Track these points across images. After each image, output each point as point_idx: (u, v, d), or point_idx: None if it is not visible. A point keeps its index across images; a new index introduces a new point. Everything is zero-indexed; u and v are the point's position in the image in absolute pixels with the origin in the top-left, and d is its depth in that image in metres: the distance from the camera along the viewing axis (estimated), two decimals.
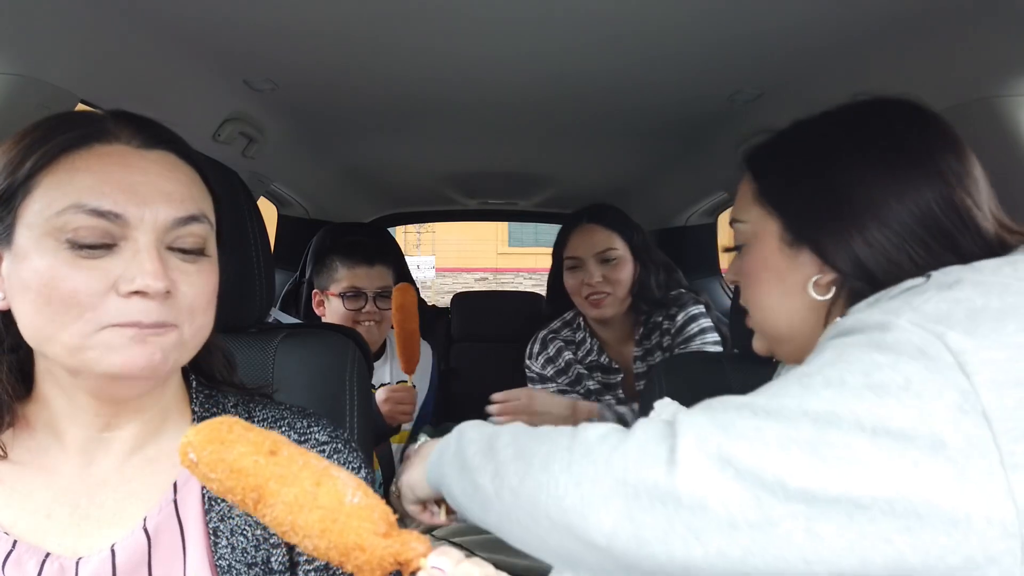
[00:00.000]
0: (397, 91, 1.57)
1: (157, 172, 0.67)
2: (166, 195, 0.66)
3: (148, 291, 0.63)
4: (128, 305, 0.63)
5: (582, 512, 0.61)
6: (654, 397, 1.13)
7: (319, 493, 0.56)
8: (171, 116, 1.48)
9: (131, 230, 0.64)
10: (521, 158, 2.31)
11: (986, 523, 0.52)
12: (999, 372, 0.54)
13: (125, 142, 0.67)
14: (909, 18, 1.09)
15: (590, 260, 1.72)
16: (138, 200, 0.64)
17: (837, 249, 0.72)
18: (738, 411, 0.60)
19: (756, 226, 0.80)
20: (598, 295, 1.71)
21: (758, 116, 1.65)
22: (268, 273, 1.06)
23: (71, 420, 0.69)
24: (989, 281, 0.61)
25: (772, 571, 0.56)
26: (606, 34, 1.22)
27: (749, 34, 1.20)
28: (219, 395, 0.80)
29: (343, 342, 1.10)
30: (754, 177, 0.82)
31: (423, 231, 17.05)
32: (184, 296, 0.67)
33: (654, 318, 1.78)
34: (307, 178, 2.44)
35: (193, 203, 0.69)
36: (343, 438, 0.81)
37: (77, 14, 1.04)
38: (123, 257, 0.64)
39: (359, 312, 1.84)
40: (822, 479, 0.54)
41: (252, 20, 1.17)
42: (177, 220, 0.66)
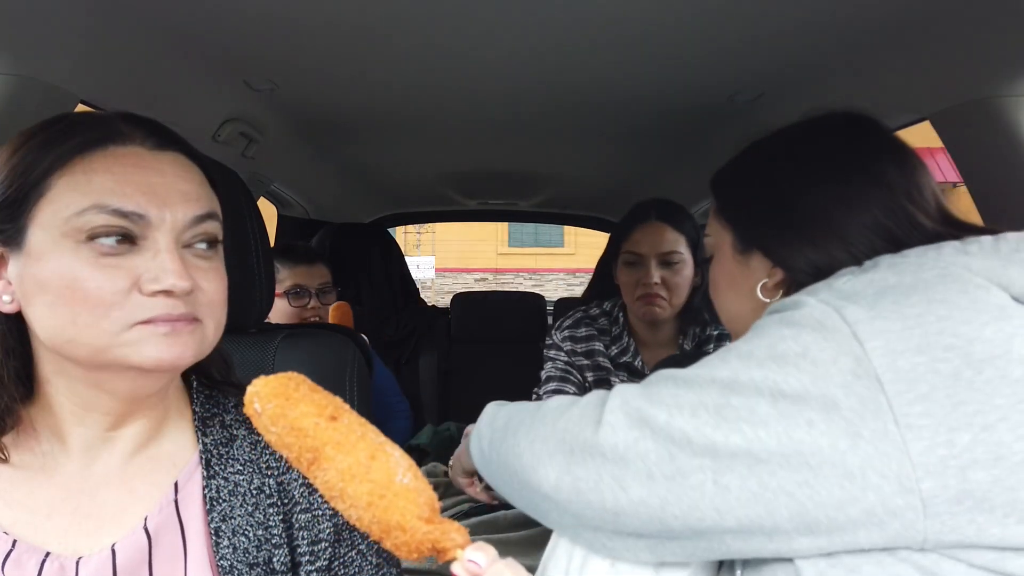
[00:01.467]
0: (397, 91, 1.57)
1: (173, 173, 0.68)
2: (183, 195, 0.67)
3: (175, 291, 0.64)
4: (153, 303, 0.64)
5: (534, 466, 0.72)
6: None
7: (372, 467, 0.57)
8: (171, 116, 1.49)
9: (152, 230, 0.65)
10: (521, 158, 2.31)
11: (881, 478, 0.57)
12: (894, 340, 0.60)
13: (139, 144, 0.68)
14: (909, 18, 1.09)
15: (652, 259, 1.63)
16: (158, 201, 0.65)
17: (788, 253, 0.79)
18: (663, 381, 0.69)
19: (716, 238, 0.89)
20: (654, 297, 1.62)
21: (758, 116, 1.65)
22: (268, 273, 1.06)
23: (77, 420, 0.69)
24: (907, 262, 0.67)
25: (691, 519, 0.64)
26: (606, 34, 1.22)
27: (749, 34, 1.20)
28: (219, 395, 0.80)
29: (343, 342, 1.10)
30: (714, 195, 0.90)
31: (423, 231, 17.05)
32: (204, 293, 0.68)
33: (708, 331, 1.70)
34: (307, 178, 2.44)
35: (208, 201, 0.70)
36: None
37: (77, 14, 1.04)
38: (144, 256, 0.64)
39: (304, 308, 1.92)
40: (724, 436, 0.62)
41: (252, 20, 1.17)
42: (195, 219, 0.68)
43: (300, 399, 0.59)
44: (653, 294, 1.60)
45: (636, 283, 1.63)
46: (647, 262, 1.62)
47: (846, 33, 1.17)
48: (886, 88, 1.30)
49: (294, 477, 0.75)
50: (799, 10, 1.10)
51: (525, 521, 1.54)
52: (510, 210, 3.31)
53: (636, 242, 1.64)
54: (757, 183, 0.85)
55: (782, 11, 1.10)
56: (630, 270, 1.65)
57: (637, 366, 1.68)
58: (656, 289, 1.61)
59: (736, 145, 0.92)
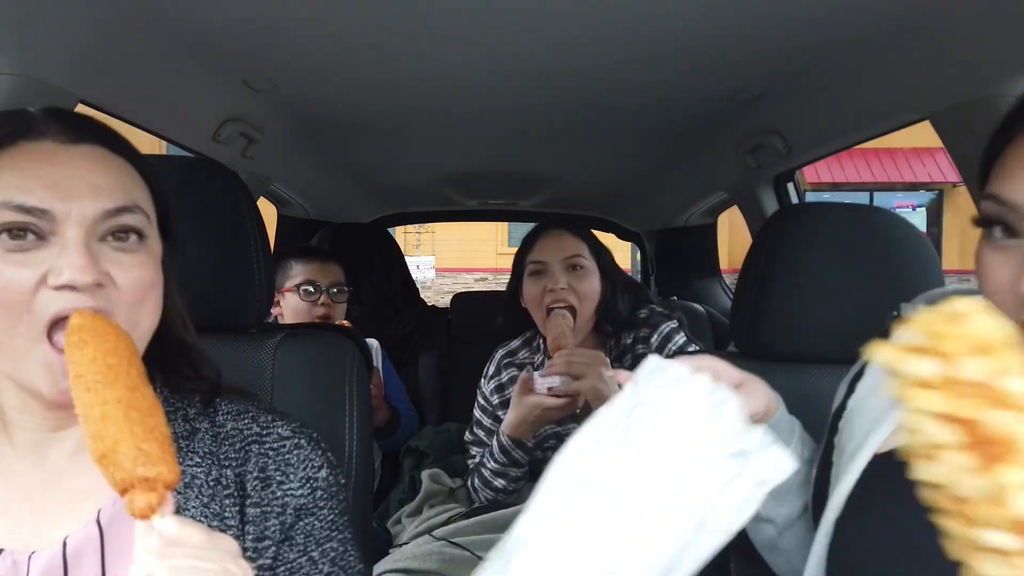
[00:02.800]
0: (397, 91, 1.57)
1: (83, 166, 0.67)
2: (93, 188, 0.67)
3: (76, 284, 0.63)
4: (60, 297, 0.64)
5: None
6: None
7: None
8: (171, 116, 1.49)
9: (59, 225, 0.65)
10: (521, 158, 2.31)
11: None
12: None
13: (51, 138, 0.68)
14: (909, 18, 1.08)
15: (556, 265, 1.62)
16: (63, 195, 0.65)
17: None
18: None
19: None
20: (561, 304, 1.60)
21: (758, 116, 1.65)
22: (268, 273, 1.06)
23: (18, 424, 0.70)
24: None
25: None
26: (606, 34, 1.22)
27: (749, 34, 1.20)
28: (185, 387, 0.79)
29: (343, 342, 1.10)
30: None
31: (423, 231, 17.04)
32: (119, 288, 0.67)
33: (624, 340, 1.70)
34: (307, 178, 2.44)
35: (124, 194, 0.69)
36: (308, 435, 0.81)
37: (77, 14, 1.04)
38: (51, 251, 0.65)
39: (315, 304, 1.96)
40: None
41: (252, 20, 1.17)
42: (107, 212, 0.67)
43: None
44: (560, 300, 1.59)
45: (543, 292, 1.62)
46: (551, 268, 1.62)
47: (846, 33, 1.17)
48: (886, 88, 1.30)
49: (249, 470, 0.75)
50: (799, 10, 1.10)
51: None
52: (510, 210, 3.31)
53: (539, 250, 1.66)
54: None
55: (782, 11, 1.10)
56: (535, 280, 1.64)
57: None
58: (563, 295, 1.59)
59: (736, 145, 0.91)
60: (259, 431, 0.78)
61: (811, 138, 1.66)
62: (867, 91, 1.35)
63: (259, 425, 0.79)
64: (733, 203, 2.42)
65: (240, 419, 0.79)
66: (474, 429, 1.81)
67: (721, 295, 2.99)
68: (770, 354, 1.09)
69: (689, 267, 3.06)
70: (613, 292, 1.69)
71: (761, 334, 1.08)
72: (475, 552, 1.44)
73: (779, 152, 1.72)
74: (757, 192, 2.08)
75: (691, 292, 2.97)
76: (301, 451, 0.79)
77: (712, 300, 2.89)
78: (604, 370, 1.48)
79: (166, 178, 0.78)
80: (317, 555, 0.77)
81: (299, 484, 0.77)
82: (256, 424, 0.79)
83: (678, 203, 2.76)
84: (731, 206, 2.56)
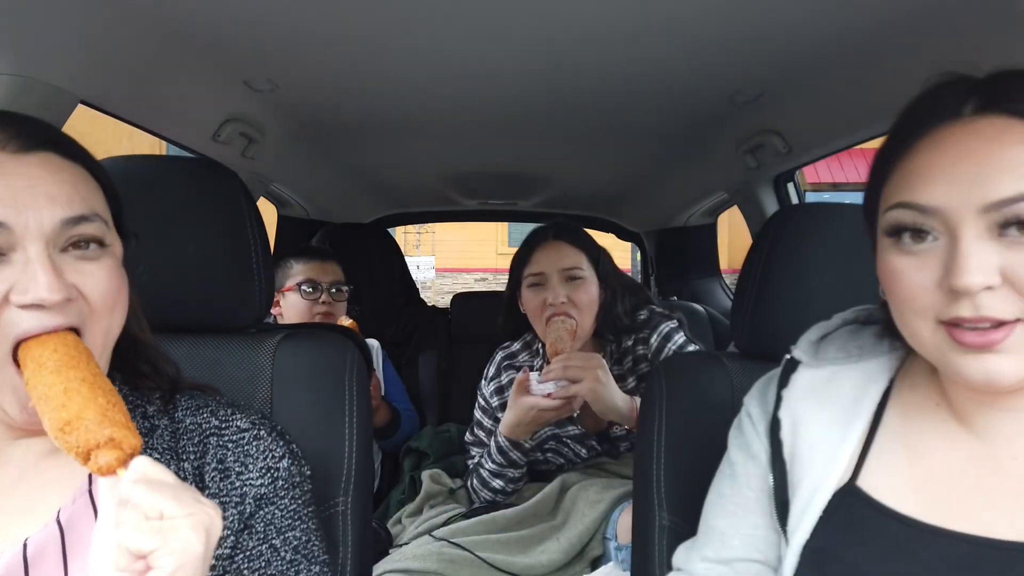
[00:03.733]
0: (397, 92, 1.57)
1: (38, 175, 0.65)
2: (50, 198, 0.64)
3: (44, 303, 0.62)
4: (28, 316, 0.62)
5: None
6: (654, 398, 1.13)
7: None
8: (171, 116, 1.49)
9: (18, 238, 0.62)
10: (521, 158, 2.31)
11: None
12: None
13: (1, 148, 0.65)
14: (909, 18, 1.08)
15: (554, 277, 1.62)
16: (19, 206, 0.62)
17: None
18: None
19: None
20: (561, 316, 1.60)
21: (758, 116, 1.65)
22: (268, 273, 1.06)
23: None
24: None
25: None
26: (606, 34, 1.22)
27: (749, 34, 1.20)
28: (144, 385, 0.79)
29: (342, 342, 1.10)
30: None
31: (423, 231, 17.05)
32: (86, 300, 0.66)
33: (624, 344, 1.70)
34: (307, 178, 2.44)
35: (82, 202, 0.67)
36: (268, 426, 0.82)
37: (77, 14, 1.04)
38: (14, 268, 0.62)
39: (316, 303, 1.98)
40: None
41: (252, 20, 1.17)
42: (65, 221, 0.65)
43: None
44: (559, 312, 1.59)
45: (542, 304, 1.62)
46: (550, 280, 1.62)
47: (846, 33, 1.17)
48: (886, 88, 1.30)
49: (207, 462, 0.75)
50: (799, 10, 1.10)
51: (524, 520, 1.55)
52: (510, 210, 3.31)
53: (537, 262, 1.65)
54: None
55: (782, 11, 1.10)
56: (535, 292, 1.65)
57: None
58: (563, 308, 1.60)
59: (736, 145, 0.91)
60: (218, 424, 0.79)
61: (811, 138, 1.66)
62: (867, 91, 1.35)
63: (218, 418, 0.79)
64: (733, 203, 2.42)
65: (199, 413, 0.79)
66: (474, 430, 1.81)
67: (721, 295, 2.99)
68: (770, 354, 1.09)
69: (689, 267, 3.06)
70: (613, 298, 1.69)
71: (761, 334, 1.08)
72: (475, 552, 1.44)
73: (779, 152, 1.72)
74: (757, 192, 2.08)
75: (691, 292, 2.97)
76: (261, 442, 0.79)
77: (712, 300, 2.89)
78: (601, 373, 1.49)
79: (166, 178, 0.77)
80: (279, 543, 0.77)
81: (259, 474, 0.77)
82: (215, 417, 0.79)
83: (678, 203, 2.76)
84: (731, 206, 2.56)
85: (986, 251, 0.59)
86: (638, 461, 1.14)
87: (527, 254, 1.69)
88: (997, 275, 0.59)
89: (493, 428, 1.75)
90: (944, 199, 0.60)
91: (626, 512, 1.42)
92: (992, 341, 0.59)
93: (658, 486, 1.08)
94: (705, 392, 1.10)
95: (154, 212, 0.98)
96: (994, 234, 0.59)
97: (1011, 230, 0.59)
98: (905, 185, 0.64)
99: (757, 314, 1.08)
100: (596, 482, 1.56)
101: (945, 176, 0.61)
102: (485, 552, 1.44)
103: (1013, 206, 0.58)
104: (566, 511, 1.53)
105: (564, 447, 1.68)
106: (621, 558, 1.38)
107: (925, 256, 0.62)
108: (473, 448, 1.78)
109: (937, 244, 0.62)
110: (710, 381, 1.11)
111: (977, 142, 0.60)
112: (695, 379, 1.13)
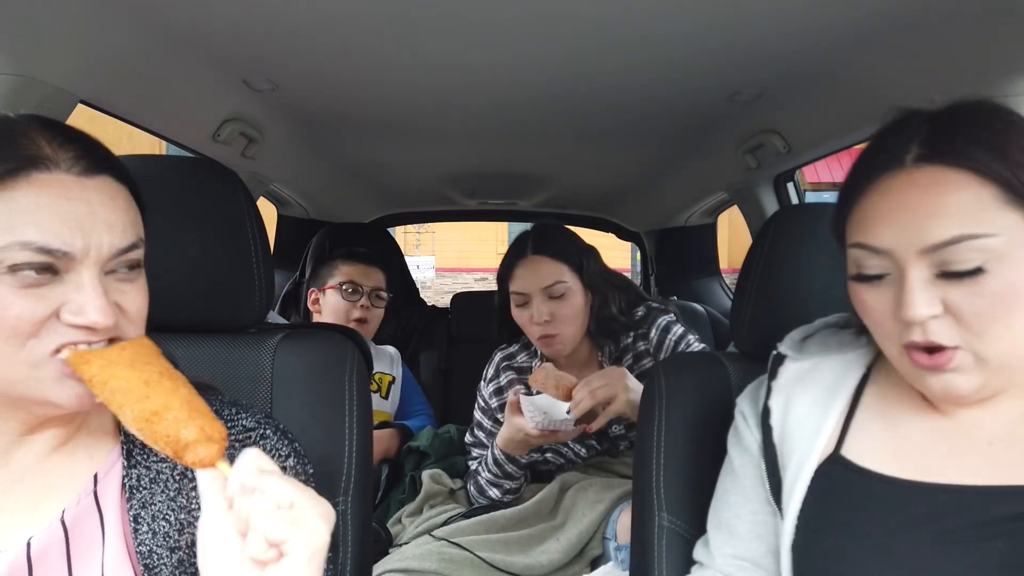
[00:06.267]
0: (397, 92, 1.57)
1: (99, 201, 0.66)
2: (108, 226, 0.66)
3: (97, 327, 0.64)
4: (73, 332, 0.64)
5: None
6: (654, 398, 1.13)
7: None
8: (171, 116, 1.49)
9: (75, 263, 0.64)
10: (521, 158, 2.31)
11: None
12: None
13: (65, 170, 0.65)
14: (909, 18, 1.09)
15: (537, 295, 1.62)
16: (83, 233, 0.64)
17: None
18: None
19: (1014, 235, 0.66)
20: (549, 338, 1.62)
21: (758, 116, 1.65)
22: (268, 273, 1.06)
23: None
24: None
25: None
26: (605, 35, 1.22)
27: (749, 34, 1.20)
28: None
29: (343, 342, 1.10)
30: (994, 175, 0.66)
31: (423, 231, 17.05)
32: (125, 312, 0.68)
33: (623, 342, 1.70)
34: (307, 178, 2.44)
35: (133, 230, 0.69)
36: (274, 425, 0.82)
37: (77, 14, 1.04)
38: (66, 287, 0.64)
39: (355, 306, 2.04)
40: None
41: (252, 20, 1.17)
42: (119, 250, 0.67)
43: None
44: (547, 335, 1.61)
45: (530, 322, 1.64)
46: (532, 300, 1.62)
47: (846, 33, 1.17)
48: (885, 88, 1.30)
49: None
50: (799, 10, 1.10)
51: (524, 520, 1.55)
52: (510, 210, 3.31)
53: (519, 279, 1.65)
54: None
55: (782, 11, 1.10)
56: (520, 310, 1.66)
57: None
58: (547, 328, 1.60)
59: (736, 145, 0.93)
60: (223, 423, 0.79)
61: (811, 138, 1.66)
62: (867, 91, 1.35)
63: (222, 418, 0.79)
64: (733, 203, 2.42)
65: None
66: (475, 431, 1.81)
67: (721, 295, 2.99)
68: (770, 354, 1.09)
69: (689, 267, 3.06)
70: (604, 301, 1.67)
71: (761, 334, 1.08)
72: (475, 552, 1.44)
73: (779, 152, 1.72)
74: (757, 192, 2.08)
75: (691, 292, 2.97)
76: (267, 441, 0.79)
77: (712, 300, 2.89)
78: (628, 382, 1.47)
79: (166, 178, 0.77)
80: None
81: None
82: (220, 416, 0.79)
83: (678, 203, 2.76)
84: (731, 206, 2.56)
85: (929, 287, 0.67)
86: (638, 461, 1.14)
87: (508, 271, 1.69)
88: (940, 306, 0.67)
89: (493, 429, 1.75)
90: (891, 242, 0.69)
91: (626, 512, 1.42)
92: (939, 363, 0.68)
93: (657, 486, 1.08)
94: (705, 392, 1.10)
95: (154, 212, 0.98)
96: (936, 271, 0.67)
97: (949, 268, 0.66)
98: (861, 227, 0.73)
99: (757, 314, 1.08)
100: (596, 482, 1.56)
101: (891, 221, 0.70)
102: (485, 552, 1.44)
103: (948, 248, 0.66)
104: (566, 511, 1.53)
105: (564, 447, 1.68)
106: (621, 558, 1.38)
107: (884, 287, 0.72)
108: (474, 449, 1.79)
109: (891, 278, 0.71)
110: (710, 381, 1.11)
111: (915, 191, 0.68)
112: (695, 379, 1.13)
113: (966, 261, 0.66)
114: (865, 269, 0.73)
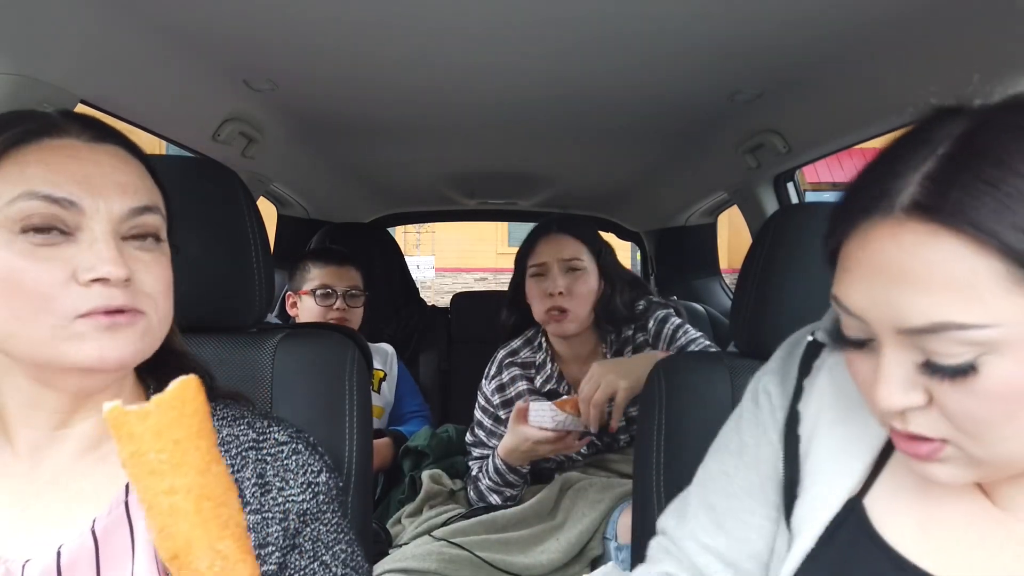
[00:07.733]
0: (397, 92, 1.57)
1: (109, 163, 0.68)
2: (120, 186, 0.67)
3: (110, 278, 0.63)
4: (90, 293, 0.63)
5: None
6: (654, 398, 1.13)
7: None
8: (171, 116, 1.49)
9: (86, 219, 0.65)
10: (521, 158, 2.31)
11: None
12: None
13: (75, 136, 0.68)
14: (909, 18, 1.09)
15: (555, 267, 1.67)
16: (92, 190, 0.65)
17: None
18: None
19: (1019, 326, 0.49)
20: (559, 310, 1.65)
21: (758, 116, 1.65)
22: (268, 273, 1.06)
23: (23, 421, 0.69)
24: None
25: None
26: (605, 34, 1.22)
27: (749, 34, 1.20)
28: None
29: (343, 342, 1.10)
30: (1000, 246, 0.48)
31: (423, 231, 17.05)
32: (143, 283, 0.68)
33: (624, 333, 1.73)
34: (307, 178, 2.44)
35: (147, 194, 0.70)
36: (305, 440, 0.81)
37: (77, 14, 1.04)
38: (80, 247, 0.64)
39: (330, 309, 2.01)
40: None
41: (252, 20, 1.17)
42: (132, 210, 0.67)
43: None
44: (557, 307, 1.64)
45: (543, 294, 1.67)
46: (551, 270, 1.67)
47: (846, 33, 1.17)
48: (886, 88, 1.30)
49: (247, 476, 0.74)
50: (799, 10, 1.10)
51: (524, 520, 1.55)
52: (510, 210, 3.31)
53: (539, 253, 1.71)
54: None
55: (782, 11, 1.10)
56: (537, 282, 1.70)
57: (563, 391, 1.72)
58: (560, 300, 1.64)
59: (736, 145, 0.91)
60: (256, 436, 0.78)
61: (811, 138, 1.66)
62: (867, 91, 1.35)
63: (255, 431, 0.78)
64: (733, 203, 2.42)
65: (236, 425, 0.78)
66: (475, 430, 1.81)
67: (721, 295, 2.99)
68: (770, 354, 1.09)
69: (689, 267, 3.06)
70: (613, 291, 1.71)
71: (761, 334, 1.08)
72: (475, 552, 1.44)
73: (779, 152, 1.72)
74: (757, 192, 2.08)
75: (691, 292, 2.97)
76: (300, 456, 0.78)
77: (712, 300, 2.89)
78: (614, 369, 1.49)
79: (166, 178, 0.78)
80: (329, 559, 0.77)
81: (300, 490, 0.76)
82: (252, 430, 0.78)
83: (678, 203, 2.76)
84: (731, 206, 2.56)
85: (910, 373, 0.53)
86: (638, 461, 1.14)
87: (531, 245, 1.75)
88: (922, 396, 0.53)
89: (494, 428, 1.76)
90: (864, 311, 0.54)
91: (626, 512, 1.42)
92: (920, 453, 0.55)
93: (657, 486, 1.08)
94: (705, 392, 1.10)
95: None
96: (919, 359, 0.52)
97: (933, 359, 0.52)
98: (839, 275, 0.57)
99: (757, 314, 1.08)
100: (596, 482, 1.56)
101: (867, 285, 0.54)
102: (485, 552, 1.44)
103: (928, 336, 0.50)
104: (566, 511, 1.53)
105: None
106: (621, 558, 1.38)
107: (869, 354, 0.57)
108: (474, 449, 1.79)
109: (876, 344, 0.55)
110: (710, 381, 1.11)
111: (895, 251, 0.51)
112: (695, 379, 1.13)
113: (951, 355, 0.50)
114: (845, 329, 0.58)
